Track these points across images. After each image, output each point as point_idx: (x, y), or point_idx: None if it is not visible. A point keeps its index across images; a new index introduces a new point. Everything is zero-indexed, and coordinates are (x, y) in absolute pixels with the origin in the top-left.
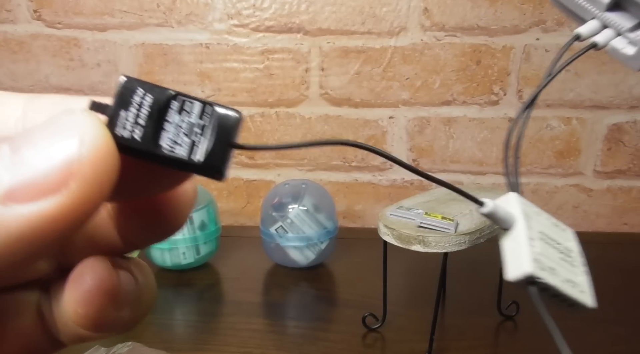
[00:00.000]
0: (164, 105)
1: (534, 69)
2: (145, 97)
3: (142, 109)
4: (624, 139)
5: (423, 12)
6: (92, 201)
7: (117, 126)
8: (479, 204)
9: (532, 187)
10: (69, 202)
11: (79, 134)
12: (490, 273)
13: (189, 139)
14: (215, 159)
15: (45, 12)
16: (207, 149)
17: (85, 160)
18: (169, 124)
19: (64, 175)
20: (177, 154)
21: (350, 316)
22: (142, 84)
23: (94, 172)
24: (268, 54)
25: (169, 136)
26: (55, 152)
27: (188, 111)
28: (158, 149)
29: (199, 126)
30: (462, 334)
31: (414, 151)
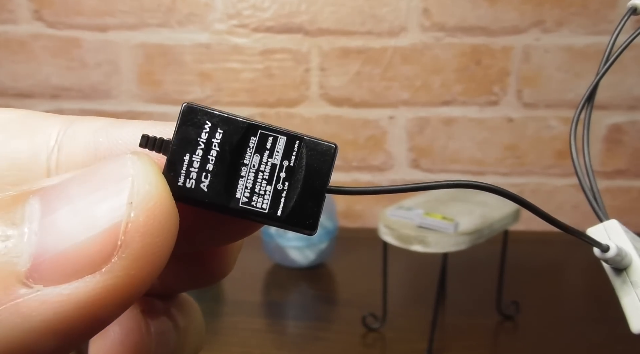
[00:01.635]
0: (239, 143)
1: (533, 70)
2: (215, 133)
3: (210, 150)
4: (623, 139)
5: (423, 12)
6: (142, 280)
7: (180, 174)
8: (601, 249)
9: (532, 187)
10: (112, 284)
11: (128, 192)
12: (490, 273)
13: (272, 186)
14: (305, 211)
15: (46, 12)
16: (295, 198)
17: (135, 227)
18: (246, 169)
19: (106, 248)
20: (256, 207)
21: (350, 316)
22: (209, 114)
23: (145, 243)
24: (268, 54)
25: (246, 184)
26: (97, 215)
27: (270, 148)
28: (232, 203)
29: (285, 168)
30: (462, 334)
31: (414, 151)
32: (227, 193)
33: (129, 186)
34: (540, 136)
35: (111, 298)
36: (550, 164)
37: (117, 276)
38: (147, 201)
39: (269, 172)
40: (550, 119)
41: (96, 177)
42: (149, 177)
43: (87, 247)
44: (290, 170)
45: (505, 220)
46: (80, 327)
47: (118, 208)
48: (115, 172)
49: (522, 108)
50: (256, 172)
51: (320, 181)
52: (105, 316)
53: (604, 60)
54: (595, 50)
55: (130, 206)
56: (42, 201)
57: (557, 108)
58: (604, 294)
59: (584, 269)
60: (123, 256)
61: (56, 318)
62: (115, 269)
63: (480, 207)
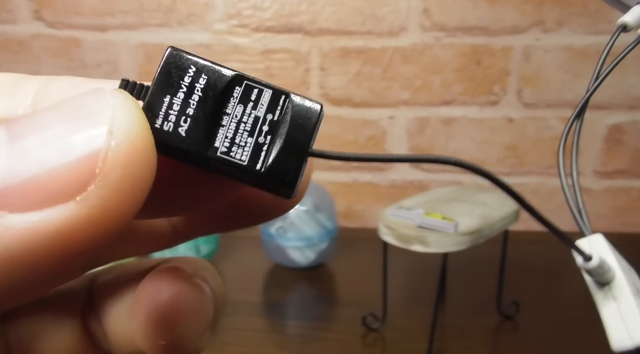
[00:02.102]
0: (222, 91)
1: (533, 70)
2: (198, 78)
3: (192, 94)
4: (623, 139)
5: (423, 12)
6: (120, 213)
7: (158, 115)
8: (584, 258)
9: (532, 187)
10: (88, 214)
11: (108, 121)
12: (490, 273)
13: (253, 138)
14: (285, 167)
15: (46, 12)
16: (276, 153)
17: (115, 157)
18: (228, 118)
19: (82, 176)
20: (235, 158)
21: (350, 316)
22: (193, 60)
23: (124, 174)
24: (268, 54)
25: (226, 134)
26: (73, 143)
27: (254, 100)
28: (210, 151)
29: (268, 122)
30: (462, 334)
31: (414, 151)
32: (206, 140)
33: (110, 115)
34: (540, 136)
35: (86, 230)
36: (550, 164)
37: (93, 206)
38: (129, 131)
39: (252, 124)
40: (550, 119)
41: (73, 107)
42: (131, 108)
43: (60, 173)
44: (273, 124)
45: (505, 220)
46: (49, 261)
47: (98, 136)
48: (94, 102)
49: (522, 108)
50: (238, 122)
51: (304, 139)
52: (78, 251)
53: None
54: (595, 50)
55: (110, 134)
56: (9, 129)
57: (557, 108)
58: None
59: None
60: (101, 184)
61: (22, 247)
62: (92, 198)
63: (480, 207)
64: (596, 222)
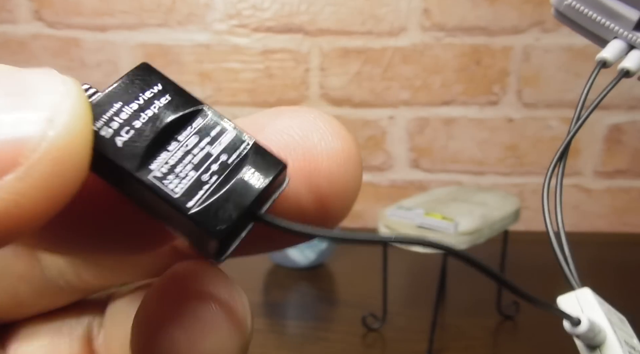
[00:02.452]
0: (182, 117)
1: (533, 70)
2: (161, 96)
3: (147, 109)
4: (623, 139)
5: (423, 12)
6: (31, 217)
7: (100, 118)
8: (571, 322)
9: (532, 187)
10: (6, 196)
11: (52, 108)
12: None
13: (196, 173)
14: (220, 214)
15: (46, 12)
16: (215, 197)
17: (48, 149)
18: (177, 145)
19: (10, 154)
20: (167, 187)
21: (350, 316)
22: (164, 79)
23: (52, 171)
24: (268, 54)
25: (169, 159)
26: (6, 121)
27: (213, 136)
28: (142, 172)
29: (220, 162)
30: (462, 334)
31: (414, 151)
32: (141, 159)
33: (56, 101)
34: (540, 136)
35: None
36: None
37: (15, 187)
38: (72, 125)
39: (201, 158)
40: (550, 119)
41: (14, 79)
42: (81, 101)
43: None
44: (225, 166)
45: (505, 220)
46: None
47: (34, 121)
48: (42, 83)
49: (522, 108)
50: (186, 152)
51: (250, 195)
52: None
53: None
54: (596, 50)
55: (49, 123)
56: None
57: (557, 108)
58: (603, 294)
59: (584, 269)
60: (21, 176)
61: None
62: (6, 189)
63: (480, 207)
64: (596, 222)
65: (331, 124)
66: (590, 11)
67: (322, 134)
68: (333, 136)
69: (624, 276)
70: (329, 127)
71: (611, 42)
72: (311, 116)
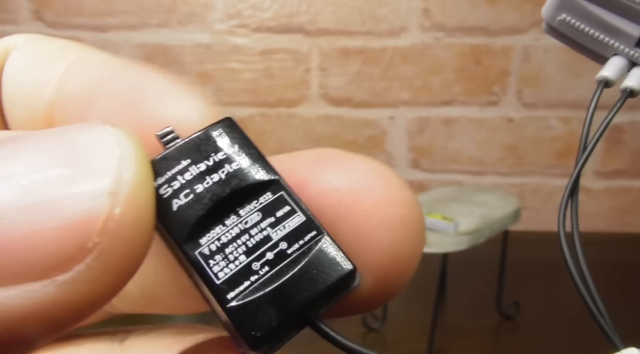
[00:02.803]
0: (248, 187)
1: (533, 70)
2: (232, 161)
3: (213, 173)
4: (623, 139)
5: (423, 12)
6: (105, 296)
7: (164, 174)
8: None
9: (532, 187)
10: (67, 300)
11: (113, 178)
12: (490, 273)
13: (247, 259)
14: (260, 319)
15: (46, 12)
16: (260, 294)
17: (117, 229)
18: (235, 219)
19: (68, 248)
20: (210, 269)
21: (350, 316)
22: (242, 140)
23: (123, 252)
24: (268, 54)
25: (221, 235)
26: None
27: (279, 218)
28: (189, 246)
29: (278, 250)
30: (462, 334)
31: (414, 151)
32: (192, 229)
33: (115, 169)
34: (540, 136)
35: (61, 315)
36: (550, 164)
37: (76, 290)
38: (137, 196)
39: (257, 242)
40: (550, 119)
41: (64, 146)
42: (142, 165)
43: (38, 242)
44: (281, 257)
45: (505, 220)
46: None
47: (96, 197)
48: (93, 147)
49: (522, 108)
50: (243, 231)
51: (305, 297)
52: (49, 333)
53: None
54: None
55: (113, 197)
56: None
57: (557, 108)
58: (603, 294)
59: None
60: (93, 265)
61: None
62: (77, 281)
63: (480, 207)
64: (596, 222)
65: (391, 183)
66: (588, 27)
67: (379, 198)
68: (393, 200)
69: (624, 276)
70: (387, 188)
71: (611, 59)
72: (365, 171)
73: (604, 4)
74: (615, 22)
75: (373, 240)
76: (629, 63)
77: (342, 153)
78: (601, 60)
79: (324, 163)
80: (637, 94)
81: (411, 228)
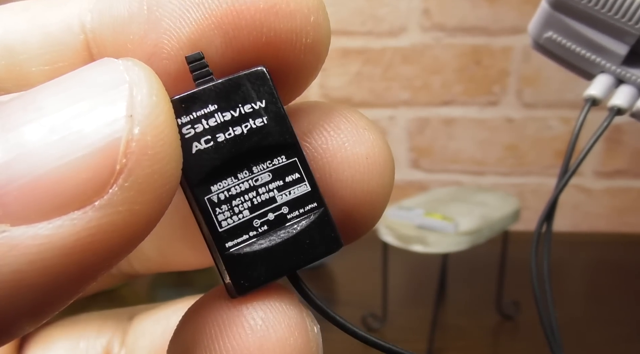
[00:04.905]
0: (267, 147)
1: (533, 70)
2: (257, 116)
3: (238, 126)
4: (623, 139)
5: (423, 12)
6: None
7: (188, 115)
8: None
9: (532, 187)
10: (109, 222)
11: (126, 102)
12: (490, 273)
13: (250, 215)
14: (250, 272)
15: None
16: (254, 249)
17: (141, 148)
18: (247, 174)
19: (100, 174)
20: (216, 217)
21: (350, 316)
22: (270, 96)
23: (153, 170)
24: None
25: (231, 187)
26: (83, 131)
27: (287, 183)
28: (200, 190)
29: (279, 214)
30: (462, 334)
31: (414, 151)
32: (206, 176)
33: (127, 94)
34: (540, 136)
35: (108, 242)
36: (550, 164)
37: (117, 211)
38: (154, 114)
39: (262, 201)
40: (550, 119)
41: (77, 84)
42: (154, 86)
43: (72, 172)
44: (281, 220)
45: (505, 220)
46: (63, 280)
47: (114, 121)
48: (105, 78)
49: (522, 108)
50: (252, 187)
51: (294, 261)
52: (97, 265)
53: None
54: None
55: (130, 119)
56: (1, 116)
57: (557, 108)
58: (604, 294)
59: (584, 269)
60: (126, 185)
61: (29, 268)
62: (115, 203)
63: (480, 207)
64: (596, 222)
65: (357, 125)
66: (574, 45)
67: (345, 138)
68: (358, 140)
69: (624, 276)
70: (353, 129)
71: (598, 77)
72: (336, 116)
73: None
74: (601, 41)
75: (339, 177)
76: (615, 80)
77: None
78: (588, 77)
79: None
80: (624, 112)
81: (376, 167)
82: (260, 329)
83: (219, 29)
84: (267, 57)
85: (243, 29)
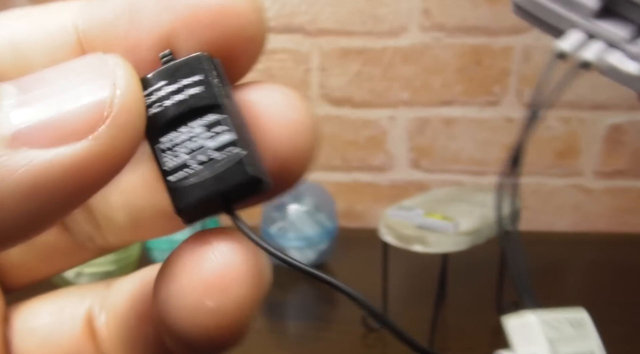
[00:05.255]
0: (201, 107)
1: (534, 70)
2: (195, 86)
3: (179, 93)
4: (623, 139)
5: (423, 12)
6: (124, 153)
7: (148, 88)
8: None
9: (532, 188)
10: (99, 151)
11: (111, 76)
12: (490, 273)
13: (186, 156)
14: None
15: None
16: (188, 183)
17: (121, 103)
18: (185, 129)
19: (93, 118)
20: (162, 159)
21: (350, 316)
22: (207, 71)
23: (128, 118)
24: (268, 54)
25: (174, 138)
26: (81, 92)
27: (216, 131)
28: (153, 140)
29: (209, 155)
30: (462, 334)
31: (414, 151)
32: (158, 132)
33: (111, 71)
34: (540, 136)
35: (97, 164)
36: (550, 164)
37: (103, 143)
38: (129, 84)
39: (196, 147)
40: (550, 119)
41: (75, 66)
42: (129, 69)
43: (72, 116)
44: (211, 159)
45: (505, 220)
46: (65, 191)
47: (103, 87)
48: (95, 62)
49: (522, 108)
50: (188, 138)
51: (220, 190)
52: (89, 183)
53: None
54: None
55: (114, 86)
56: (17, 84)
57: (557, 108)
58: (603, 294)
59: (584, 269)
60: (110, 125)
61: (43, 179)
62: (103, 137)
63: (480, 207)
64: (596, 222)
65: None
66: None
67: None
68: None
69: (624, 276)
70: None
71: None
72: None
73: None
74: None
75: (274, 134)
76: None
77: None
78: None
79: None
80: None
81: (304, 127)
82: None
83: (184, 27)
84: (220, 47)
85: (202, 27)
